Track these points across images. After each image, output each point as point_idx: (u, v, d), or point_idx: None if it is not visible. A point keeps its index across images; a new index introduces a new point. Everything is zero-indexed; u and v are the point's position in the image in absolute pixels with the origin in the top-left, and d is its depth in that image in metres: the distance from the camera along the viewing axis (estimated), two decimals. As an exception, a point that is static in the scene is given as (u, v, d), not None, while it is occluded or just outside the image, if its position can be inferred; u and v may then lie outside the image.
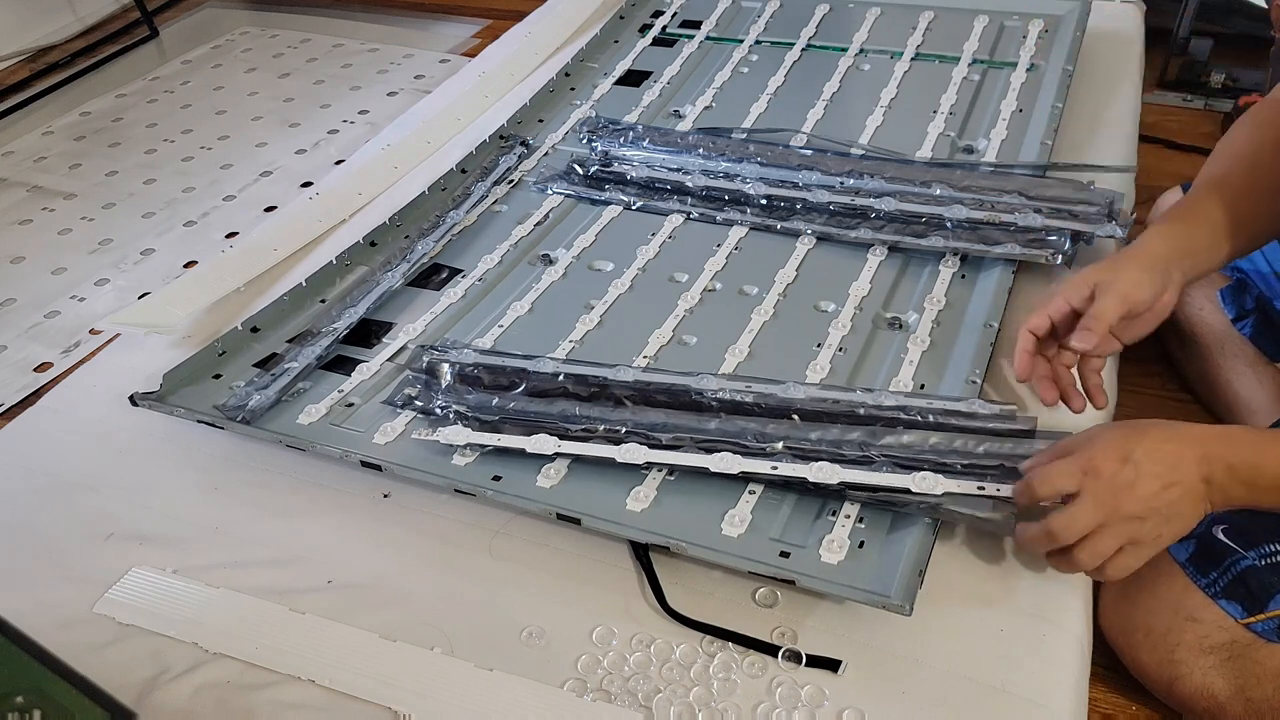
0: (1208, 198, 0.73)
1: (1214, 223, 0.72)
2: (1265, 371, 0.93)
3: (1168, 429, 0.60)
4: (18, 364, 1.10)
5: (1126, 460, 0.58)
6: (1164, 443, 0.59)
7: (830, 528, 0.68)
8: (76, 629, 0.68)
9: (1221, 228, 0.72)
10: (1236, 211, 0.72)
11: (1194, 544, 0.67)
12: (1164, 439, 0.59)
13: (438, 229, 1.00)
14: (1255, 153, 0.74)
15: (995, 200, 0.91)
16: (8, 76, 1.67)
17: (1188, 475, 0.58)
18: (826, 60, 1.23)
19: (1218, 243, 0.72)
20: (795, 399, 0.74)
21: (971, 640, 0.62)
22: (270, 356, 0.87)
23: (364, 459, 0.74)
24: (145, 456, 0.81)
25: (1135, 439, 0.59)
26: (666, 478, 0.72)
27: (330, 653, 0.65)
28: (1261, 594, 0.64)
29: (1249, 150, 0.75)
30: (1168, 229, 0.72)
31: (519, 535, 0.71)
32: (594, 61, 1.30)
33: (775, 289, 0.89)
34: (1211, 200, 0.73)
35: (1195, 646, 0.66)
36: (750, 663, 0.62)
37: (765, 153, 1.02)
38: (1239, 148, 0.76)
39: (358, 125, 1.53)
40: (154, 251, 1.27)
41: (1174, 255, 0.70)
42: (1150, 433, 0.60)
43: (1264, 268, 0.91)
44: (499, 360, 0.81)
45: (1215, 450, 0.59)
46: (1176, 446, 0.59)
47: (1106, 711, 0.73)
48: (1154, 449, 0.58)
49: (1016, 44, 1.20)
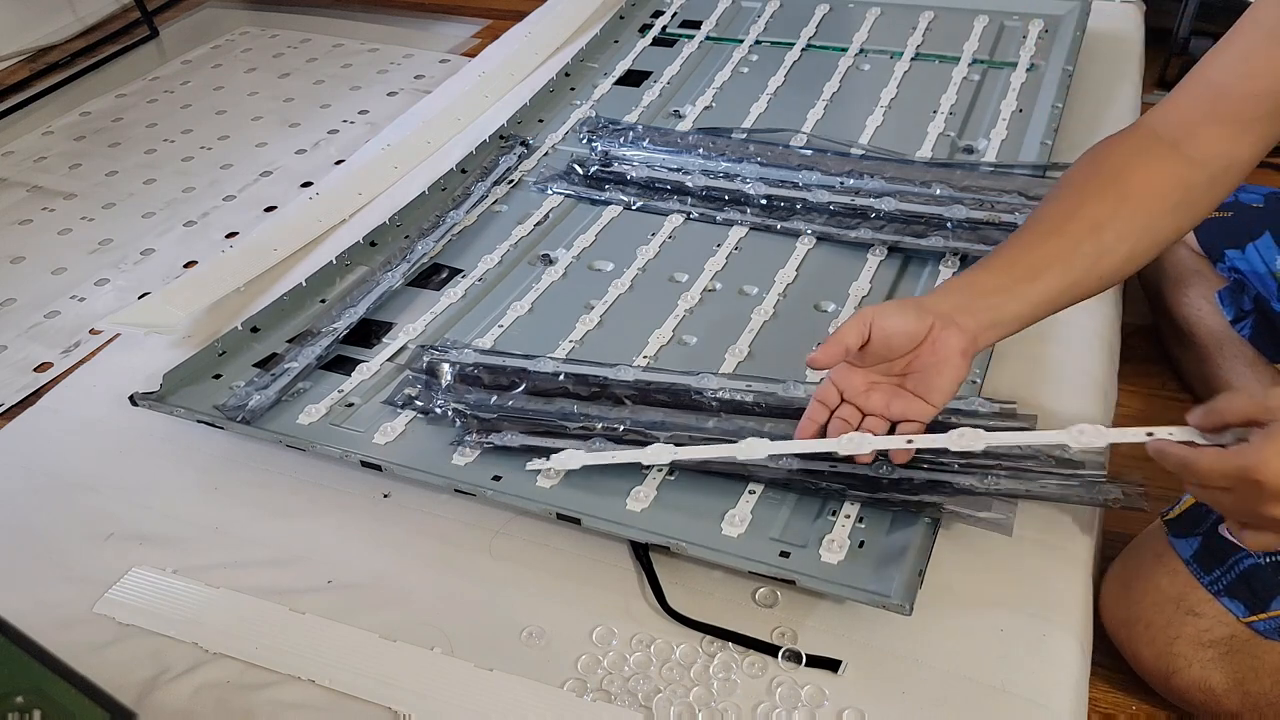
0: (1016, 237, 0.67)
1: (1010, 264, 0.65)
2: (1265, 372, 0.93)
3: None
4: (18, 364, 1.10)
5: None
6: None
7: (830, 527, 0.68)
8: (76, 629, 0.68)
9: (1021, 269, 0.65)
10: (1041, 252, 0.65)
11: (1199, 541, 0.67)
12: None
13: (438, 229, 1.00)
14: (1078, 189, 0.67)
15: (995, 200, 0.91)
16: (8, 76, 1.67)
17: None
18: (826, 60, 1.23)
19: (1013, 284, 0.64)
20: (796, 398, 0.74)
21: (971, 640, 0.62)
22: (270, 356, 0.87)
23: (364, 459, 0.74)
24: (145, 456, 0.81)
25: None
26: (667, 478, 0.72)
27: (330, 653, 0.65)
28: (1264, 593, 0.64)
29: (1072, 186, 0.68)
30: (959, 275, 0.67)
31: (519, 535, 0.71)
32: (594, 61, 1.30)
33: (775, 289, 0.89)
34: (1018, 240, 0.67)
35: (1195, 640, 0.66)
36: (750, 663, 0.62)
37: (765, 153, 1.02)
38: (1064, 184, 0.69)
39: (358, 125, 1.53)
40: (154, 251, 1.27)
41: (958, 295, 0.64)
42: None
43: (1260, 268, 0.91)
44: (499, 360, 0.81)
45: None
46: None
47: (1106, 711, 0.73)
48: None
49: (1016, 44, 1.20)
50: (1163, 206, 0.65)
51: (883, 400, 0.66)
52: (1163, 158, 0.66)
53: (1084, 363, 0.81)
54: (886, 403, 0.65)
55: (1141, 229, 0.65)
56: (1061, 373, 0.80)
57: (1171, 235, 0.68)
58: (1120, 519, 0.75)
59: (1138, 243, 0.66)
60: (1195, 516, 0.68)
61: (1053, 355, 0.81)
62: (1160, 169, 0.66)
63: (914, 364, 0.65)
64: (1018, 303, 0.65)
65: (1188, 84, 0.67)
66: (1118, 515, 0.74)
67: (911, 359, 0.65)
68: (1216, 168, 0.65)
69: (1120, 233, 0.65)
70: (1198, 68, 0.66)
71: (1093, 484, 0.68)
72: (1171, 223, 0.66)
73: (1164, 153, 0.66)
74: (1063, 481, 0.68)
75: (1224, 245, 0.93)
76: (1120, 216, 0.65)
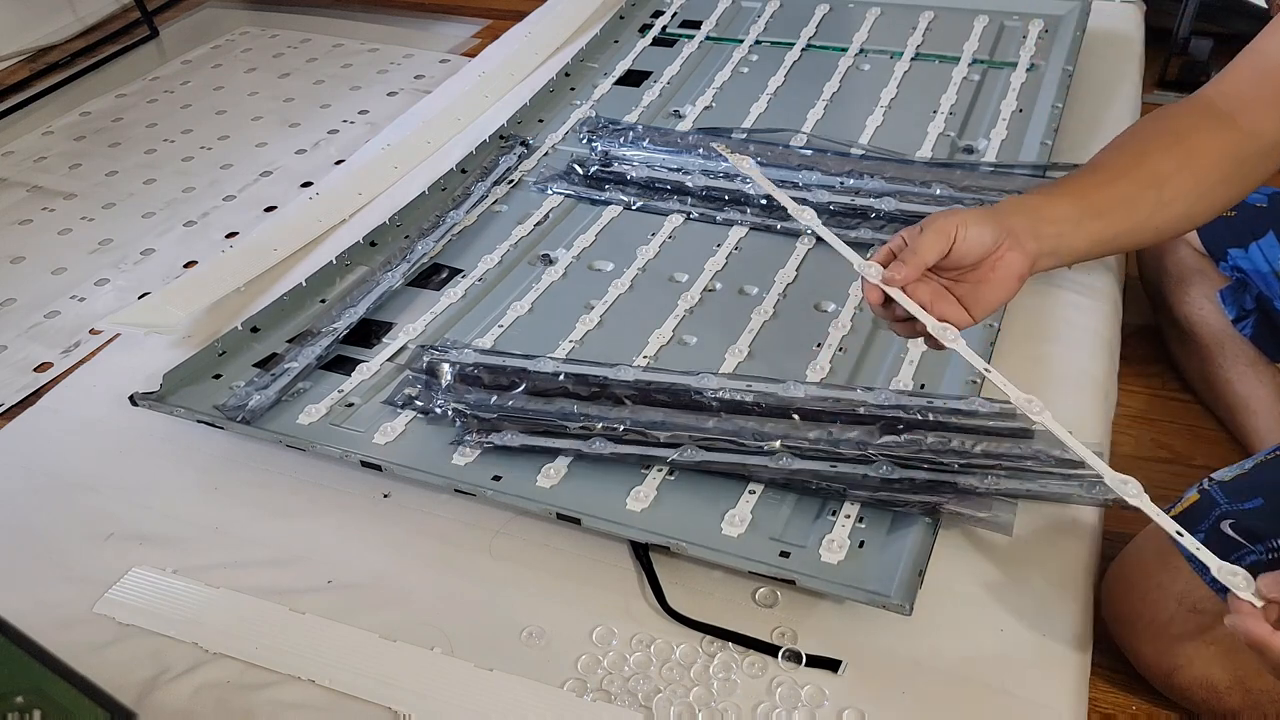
0: (1081, 176, 0.69)
1: (1079, 197, 0.67)
2: (1265, 371, 0.93)
3: None
4: (18, 364, 1.10)
5: None
6: None
7: (830, 528, 0.68)
8: (76, 629, 0.68)
9: (1088, 204, 0.67)
10: (1109, 192, 0.68)
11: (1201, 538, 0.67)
12: None
13: (438, 229, 1.00)
14: (1144, 142, 0.70)
15: (995, 200, 0.91)
16: (8, 76, 1.67)
17: None
18: (826, 60, 1.23)
19: (1080, 217, 0.66)
20: (796, 398, 0.74)
21: (971, 640, 0.62)
22: (270, 356, 0.87)
23: (364, 459, 0.74)
24: (145, 456, 0.81)
25: None
26: (666, 477, 0.72)
27: (330, 653, 0.65)
28: None
29: (1139, 138, 0.71)
30: (1025, 195, 0.68)
31: (519, 535, 0.71)
32: (594, 61, 1.30)
33: (775, 289, 0.89)
34: (1084, 178, 0.69)
35: (1197, 637, 0.66)
36: (750, 663, 0.62)
37: (765, 153, 1.02)
38: (1130, 135, 0.72)
39: (358, 125, 1.53)
40: (154, 251, 1.27)
41: (1025, 217, 0.65)
42: None
43: (1264, 267, 0.91)
44: (499, 360, 0.81)
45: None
46: None
47: (1107, 711, 0.73)
48: None
49: (1016, 44, 1.20)
50: (1219, 174, 0.68)
51: (927, 296, 0.64)
52: (1220, 128, 0.68)
53: (1084, 363, 0.81)
54: (930, 300, 0.64)
55: (1199, 191, 0.68)
56: (1062, 373, 0.80)
57: (1224, 202, 0.70)
58: (1120, 519, 0.75)
59: (1195, 203, 0.69)
60: (1197, 514, 0.68)
61: (1053, 355, 0.81)
62: (1218, 137, 0.68)
63: (971, 276, 0.64)
64: (1079, 238, 0.67)
65: (1243, 59, 0.69)
66: (1118, 515, 0.73)
67: (971, 271, 0.64)
68: (1268, 141, 0.67)
69: (1179, 190, 0.67)
70: (1254, 43, 0.69)
71: (1093, 484, 0.68)
72: (1225, 190, 0.69)
73: (1221, 123, 0.68)
74: (1063, 481, 0.68)
75: (1227, 244, 0.93)
76: (1182, 175, 0.67)
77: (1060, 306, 0.86)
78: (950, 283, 0.65)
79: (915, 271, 0.62)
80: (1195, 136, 0.68)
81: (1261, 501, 0.66)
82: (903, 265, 0.62)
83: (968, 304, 0.64)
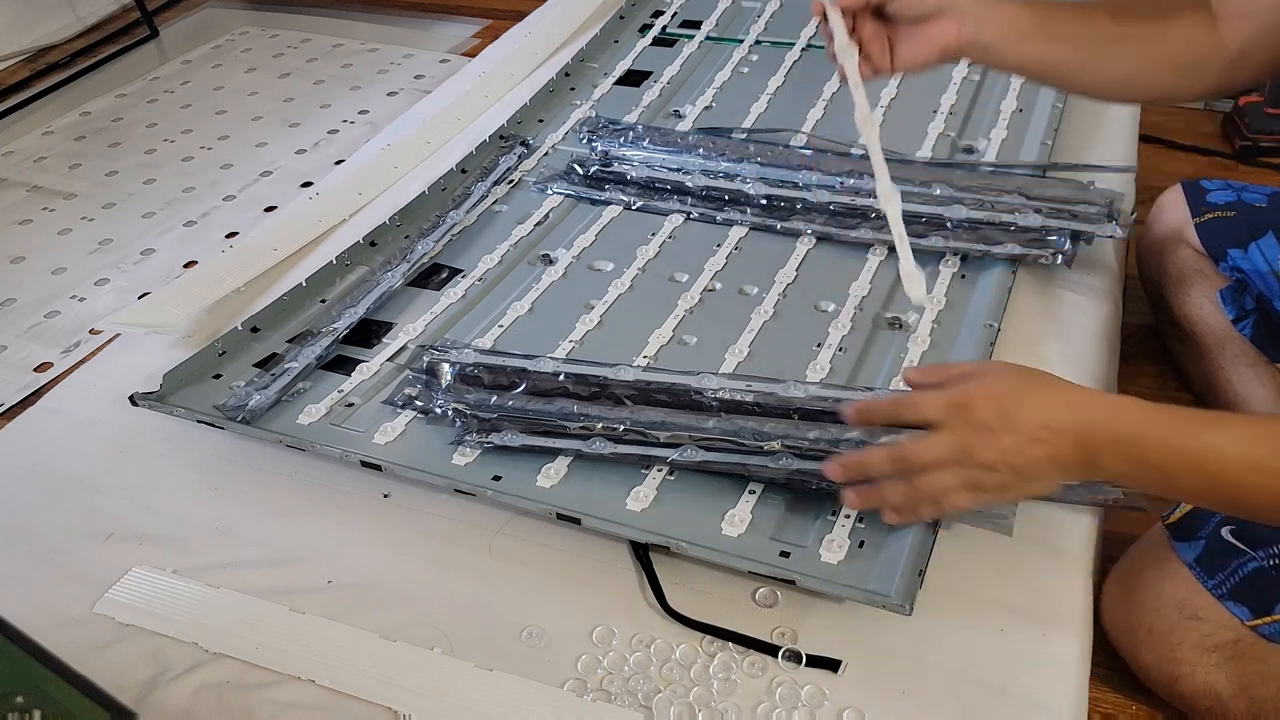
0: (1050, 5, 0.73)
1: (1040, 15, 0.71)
2: (1266, 371, 0.92)
3: (1056, 388, 0.59)
4: (18, 364, 1.10)
5: (1001, 408, 0.57)
6: (1046, 400, 0.58)
7: (830, 527, 0.68)
8: (76, 629, 0.68)
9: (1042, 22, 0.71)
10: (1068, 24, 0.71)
11: (1201, 544, 0.67)
12: (1048, 397, 0.58)
13: (438, 229, 1.00)
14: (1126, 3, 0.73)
15: (995, 200, 0.91)
16: (8, 76, 1.67)
17: (1060, 441, 0.57)
18: (826, 60, 1.22)
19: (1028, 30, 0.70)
20: (795, 398, 0.74)
21: (972, 640, 0.62)
22: (270, 356, 0.87)
23: (364, 459, 0.74)
24: (145, 456, 0.81)
25: (1020, 391, 0.58)
26: (666, 477, 0.72)
27: (330, 653, 0.65)
28: (1269, 596, 0.64)
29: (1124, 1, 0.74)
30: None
31: (519, 535, 0.71)
32: (594, 61, 1.30)
33: (775, 289, 0.89)
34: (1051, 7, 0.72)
35: (1199, 645, 0.66)
36: (750, 663, 0.62)
37: (765, 153, 1.02)
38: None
39: (358, 125, 1.53)
40: (154, 251, 1.27)
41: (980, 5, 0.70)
42: (1036, 388, 0.59)
43: (1263, 267, 0.91)
44: (499, 360, 0.81)
45: (1100, 421, 0.57)
46: (1058, 410, 0.57)
47: (1107, 711, 0.73)
48: (1035, 405, 0.57)
49: (1016, 44, 1.20)
50: (1178, 60, 0.71)
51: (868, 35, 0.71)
52: (1200, 23, 0.70)
53: (1084, 363, 0.81)
54: (869, 39, 0.71)
55: (1151, 63, 0.71)
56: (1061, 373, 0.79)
57: (1165, 88, 0.73)
58: (1120, 519, 0.75)
59: (1139, 74, 0.72)
60: (1196, 520, 0.68)
61: (1053, 355, 0.81)
62: (1194, 29, 0.70)
63: (907, 29, 0.71)
64: (1019, 50, 0.71)
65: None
66: (1118, 516, 0.73)
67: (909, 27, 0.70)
68: (1230, 53, 0.69)
69: (1132, 53, 0.71)
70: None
71: (1092, 484, 0.68)
72: (1172, 78, 0.72)
73: (1203, 19, 0.70)
74: (1063, 481, 0.68)
75: (1227, 245, 0.93)
76: (1143, 44, 0.70)
77: (1060, 306, 0.86)
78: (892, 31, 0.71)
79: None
80: (1174, 18, 0.70)
81: (1261, 504, 0.66)
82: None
83: (895, 54, 0.71)
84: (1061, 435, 0.57)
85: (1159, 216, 1.01)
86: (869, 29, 0.71)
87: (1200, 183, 0.98)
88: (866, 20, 0.71)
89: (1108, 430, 0.57)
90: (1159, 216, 1.01)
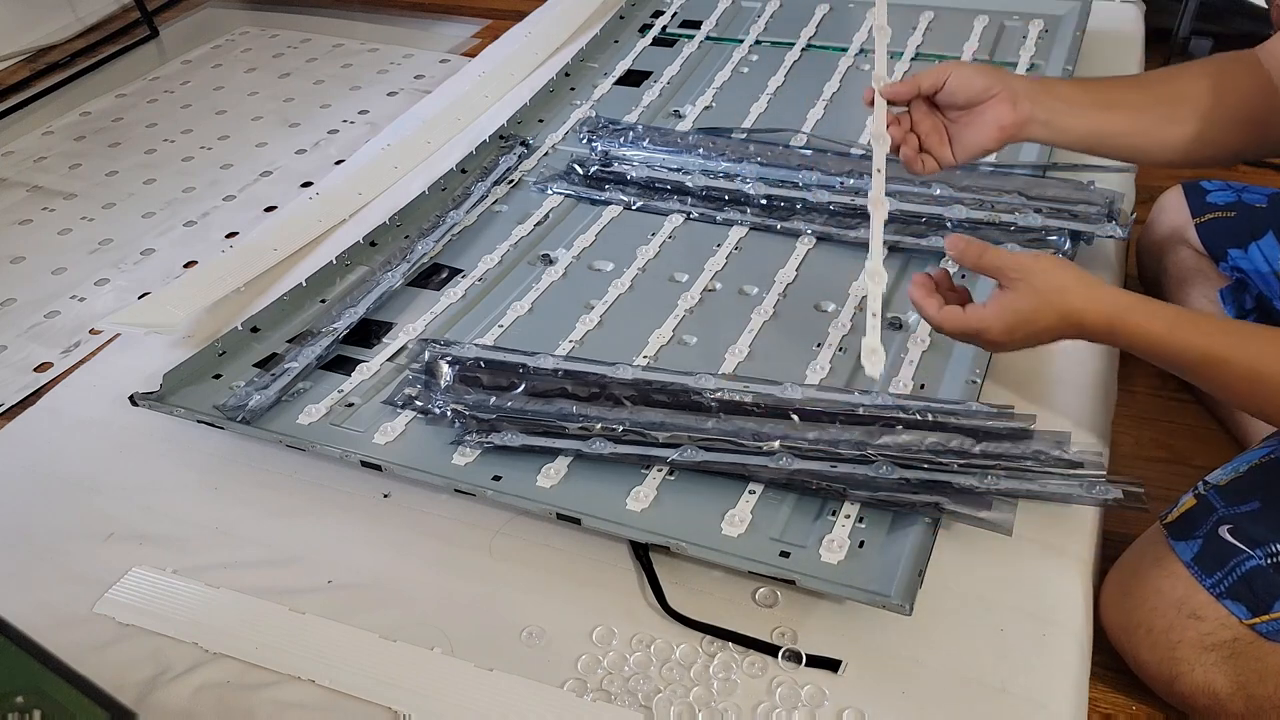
0: (1104, 78, 0.75)
1: (1094, 89, 0.73)
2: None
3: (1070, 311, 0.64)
4: (18, 364, 1.10)
5: (1013, 335, 0.65)
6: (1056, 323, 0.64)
7: (830, 528, 0.68)
8: (76, 629, 0.68)
9: (1099, 95, 0.73)
10: (1123, 92, 0.73)
11: (1199, 543, 0.67)
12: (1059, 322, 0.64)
13: (438, 229, 1.00)
14: (1179, 69, 0.75)
15: (995, 200, 0.91)
16: (8, 76, 1.67)
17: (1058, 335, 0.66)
18: (826, 60, 1.23)
19: (1086, 103, 0.72)
20: (793, 399, 0.74)
21: (971, 640, 0.62)
22: (270, 356, 0.87)
23: (364, 459, 0.74)
24: (145, 456, 0.81)
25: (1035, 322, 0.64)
26: (666, 477, 0.72)
27: (330, 653, 0.65)
28: (1266, 595, 0.64)
29: (1175, 67, 0.75)
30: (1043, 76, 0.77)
31: (519, 535, 0.71)
32: (594, 61, 1.30)
33: (775, 289, 0.89)
34: (1106, 78, 0.75)
35: (1197, 644, 0.66)
36: (750, 663, 0.62)
37: (765, 153, 1.02)
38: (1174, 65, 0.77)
39: (358, 125, 1.53)
40: (154, 251, 1.27)
41: (1031, 83, 0.73)
42: (1044, 318, 0.64)
43: (1264, 268, 0.91)
44: (499, 355, 0.81)
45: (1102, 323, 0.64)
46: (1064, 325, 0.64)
47: (1106, 711, 0.73)
48: (1045, 330, 0.65)
49: (1016, 44, 1.20)
50: (1236, 115, 0.72)
51: (925, 129, 0.75)
52: (1256, 78, 0.71)
53: (1084, 362, 0.81)
54: (927, 133, 0.74)
55: (1212, 120, 0.72)
56: (1062, 373, 0.80)
57: (1233, 145, 0.74)
58: (1120, 519, 0.75)
59: (1204, 131, 0.72)
60: (1194, 519, 0.68)
61: (1053, 355, 0.81)
62: (1249, 84, 0.71)
63: (962, 118, 0.74)
64: (1078, 120, 0.73)
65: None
66: (1118, 515, 0.73)
67: (963, 113, 0.74)
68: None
69: (1193, 113, 0.71)
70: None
71: (1092, 484, 0.68)
72: (1238, 132, 0.72)
73: (1258, 76, 0.71)
74: (1062, 481, 0.68)
75: (1227, 245, 0.93)
76: (1200, 101, 0.71)
77: (1060, 306, 0.86)
78: (948, 122, 0.75)
79: (907, 90, 0.73)
80: (1228, 76, 0.71)
81: (1259, 505, 0.66)
82: (899, 83, 0.73)
83: (954, 144, 0.74)
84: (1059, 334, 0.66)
85: (1159, 217, 1.01)
86: (926, 123, 0.74)
87: (1200, 183, 0.98)
88: (922, 114, 0.74)
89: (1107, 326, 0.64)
90: (1159, 217, 1.01)
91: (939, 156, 0.75)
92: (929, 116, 0.74)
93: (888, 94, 0.73)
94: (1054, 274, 0.64)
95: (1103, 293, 0.64)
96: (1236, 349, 0.61)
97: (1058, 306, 0.64)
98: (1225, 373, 0.61)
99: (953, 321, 0.67)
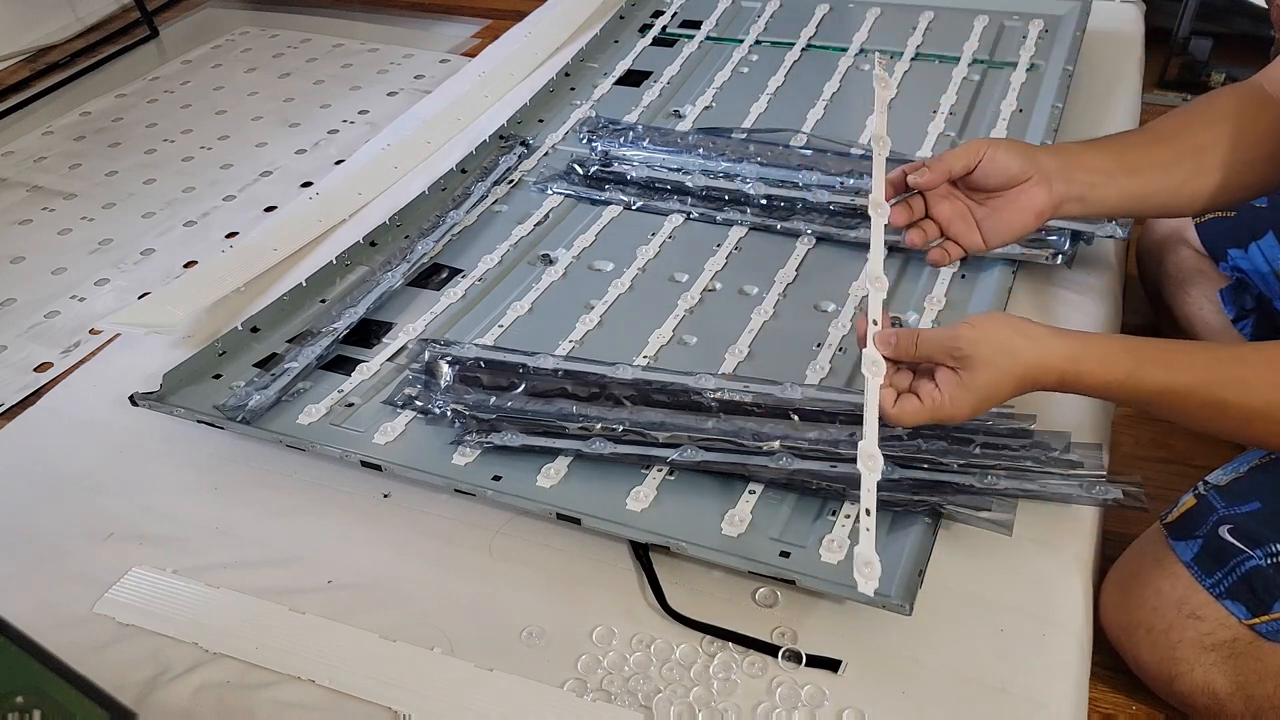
0: (1123, 135, 0.74)
1: (1118, 153, 0.71)
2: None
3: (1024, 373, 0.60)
4: (18, 364, 1.10)
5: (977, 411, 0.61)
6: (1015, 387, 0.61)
7: (830, 528, 0.68)
8: (76, 629, 0.68)
9: (1125, 160, 0.71)
10: (1148, 153, 0.71)
11: (1199, 544, 0.67)
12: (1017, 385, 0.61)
13: (438, 229, 1.00)
14: (1190, 115, 0.73)
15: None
16: (8, 76, 1.67)
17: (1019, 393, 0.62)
18: (826, 60, 1.23)
19: (1115, 171, 0.70)
20: (793, 399, 0.74)
21: (971, 640, 0.62)
22: (270, 356, 0.87)
23: (364, 459, 0.74)
24: (145, 456, 0.81)
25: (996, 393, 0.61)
26: (666, 477, 0.72)
27: (330, 653, 0.65)
28: (1266, 595, 0.64)
29: (1186, 112, 0.74)
30: (1065, 144, 0.73)
31: (519, 535, 0.71)
32: (594, 61, 1.30)
33: (775, 289, 0.89)
34: (1126, 137, 0.73)
35: (1197, 644, 0.66)
36: (750, 663, 0.62)
37: (765, 153, 1.02)
38: (1178, 110, 0.75)
39: (358, 125, 1.53)
40: (154, 251, 1.27)
41: (1060, 160, 0.70)
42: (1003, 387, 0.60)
43: (1263, 267, 0.91)
44: (499, 355, 0.81)
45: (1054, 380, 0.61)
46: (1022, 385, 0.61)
47: (1106, 711, 0.73)
48: (1007, 395, 0.61)
49: (1016, 44, 1.20)
50: (1261, 152, 0.71)
51: (948, 214, 0.70)
52: (1269, 111, 0.70)
53: (1084, 363, 0.81)
54: (950, 219, 0.70)
55: (1239, 163, 0.71)
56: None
57: (1259, 183, 0.73)
58: (1120, 519, 0.75)
59: (1233, 176, 0.71)
60: (1194, 519, 0.68)
61: (1053, 355, 0.81)
62: (1266, 119, 0.70)
63: (993, 201, 0.70)
64: (1111, 190, 0.70)
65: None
66: (1118, 515, 0.73)
67: (995, 196, 0.70)
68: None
69: (1219, 160, 0.70)
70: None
71: (1092, 484, 0.68)
72: (1267, 168, 0.72)
73: (1269, 105, 0.70)
74: (1063, 481, 0.68)
75: (1227, 245, 0.93)
76: (1222, 147, 0.70)
77: (1060, 306, 0.86)
78: (974, 205, 0.70)
79: (937, 176, 0.68)
80: (1242, 116, 0.71)
81: (1259, 505, 0.66)
82: (928, 170, 0.68)
83: (985, 229, 0.70)
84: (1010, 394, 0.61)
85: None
86: (946, 209, 0.70)
87: (1200, 183, 0.98)
88: (941, 195, 0.70)
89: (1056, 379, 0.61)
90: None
91: (967, 244, 0.70)
92: (949, 199, 0.70)
93: (915, 184, 0.69)
94: (996, 336, 0.60)
95: (1051, 344, 0.61)
96: (1195, 381, 0.59)
97: (1010, 371, 0.60)
98: (1186, 404, 0.60)
99: (913, 416, 0.61)
